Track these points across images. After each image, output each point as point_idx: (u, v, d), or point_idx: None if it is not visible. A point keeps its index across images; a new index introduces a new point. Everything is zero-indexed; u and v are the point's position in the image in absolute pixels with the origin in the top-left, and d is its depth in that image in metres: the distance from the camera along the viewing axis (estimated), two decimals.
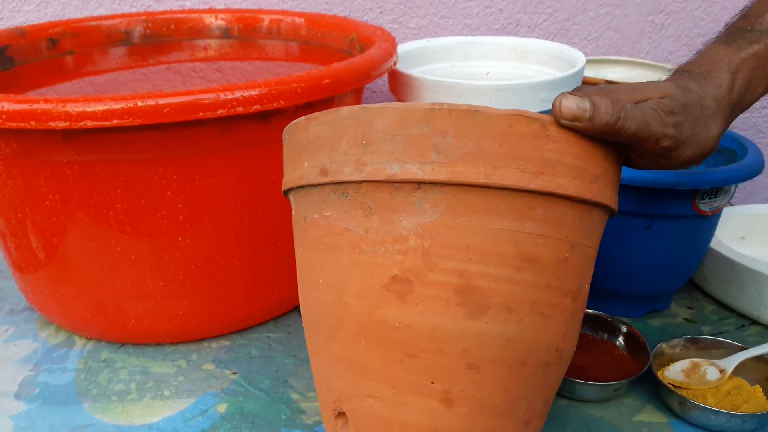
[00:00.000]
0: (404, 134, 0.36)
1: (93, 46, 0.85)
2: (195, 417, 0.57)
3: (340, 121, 0.38)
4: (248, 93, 0.52)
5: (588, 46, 1.03)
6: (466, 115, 0.36)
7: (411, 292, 0.37)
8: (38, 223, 0.59)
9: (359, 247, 0.38)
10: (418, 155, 0.36)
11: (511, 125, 0.36)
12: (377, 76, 0.63)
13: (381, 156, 0.37)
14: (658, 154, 0.42)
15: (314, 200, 0.41)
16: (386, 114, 0.37)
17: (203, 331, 0.67)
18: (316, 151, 0.40)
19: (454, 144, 0.36)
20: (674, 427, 0.56)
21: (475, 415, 0.39)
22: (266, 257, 0.65)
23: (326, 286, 0.41)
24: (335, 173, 0.39)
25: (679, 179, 0.59)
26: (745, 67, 0.46)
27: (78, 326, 0.67)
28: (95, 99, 0.49)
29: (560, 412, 0.57)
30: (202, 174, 0.57)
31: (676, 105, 0.41)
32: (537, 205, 0.37)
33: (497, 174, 0.36)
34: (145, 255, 0.60)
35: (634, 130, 0.39)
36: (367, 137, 0.37)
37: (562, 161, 0.37)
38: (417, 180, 0.36)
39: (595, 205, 0.40)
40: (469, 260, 0.37)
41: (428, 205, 0.37)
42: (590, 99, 0.38)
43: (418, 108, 0.36)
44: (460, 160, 0.36)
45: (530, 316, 0.38)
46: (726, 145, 0.70)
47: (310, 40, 0.85)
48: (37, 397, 0.60)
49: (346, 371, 0.41)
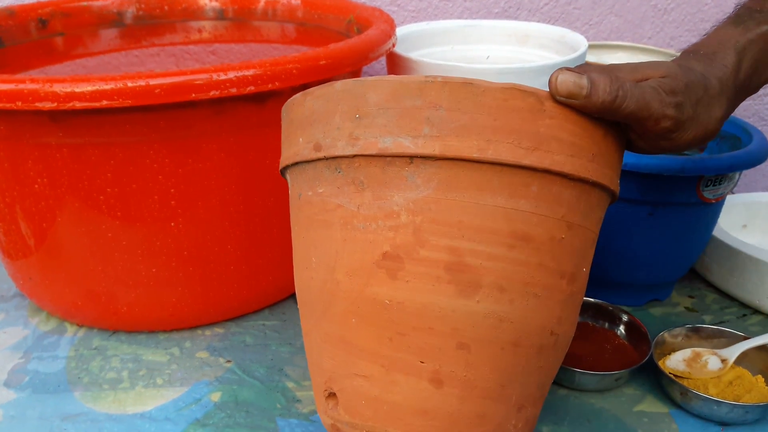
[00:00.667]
0: (397, 107, 0.36)
1: (84, 28, 0.83)
2: (188, 406, 0.56)
3: (334, 95, 0.38)
4: (242, 73, 0.50)
5: (590, 31, 1.01)
6: (461, 87, 0.35)
7: (402, 269, 0.37)
8: (27, 208, 0.58)
9: (351, 224, 0.38)
10: (410, 128, 0.36)
11: (506, 99, 0.35)
12: (375, 58, 0.61)
13: (374, 129, 0.36)
14: (658, 135, 0.41)
15: (308, 177, 0.40)
16: (380, 87, 0.36)
17: (197, 319, 0.66)
18: (310, 126, 0.39)
19: (447, 117, 0.35)
20: (675, 417, 0.55)
21: (466, 396, 0.38)
22: (261, 244, 0.64)
23: (318, 264, 0.40)
24: (328, 148, 0.38)
25: (683, 165, 0.58)
26: (753, 48, 0.45)
27: (69, 313, 0.66)
28: (84, 79, 0.47)
29: (560, 401, 0.57)
30: (195, 158, 0.56)
31: (677, 84, 0.40)
32: (532, 182, 0.36)
33: (491, 148, 0.35)
34: (137, 241, 0.59)
35: (633, 109, 0.38)
36: (361, 111, 0.37)
37: (559, 137, 0.36)
38: (409, 154, 0.36)
39: (594, 185, 0.39)
40: (461, 237, 0.36)
41: (420, 180, 0.36)
42: (588, 76, 0.37)
43: (411, 80, 0.36)
44: (453, 133, 0.35)
45: (523, 297, 0.38)
46: (730, 132, 0.69)
47: (307, 22, 0.83)
48: (28, 385, 0.59)
49: (337, 350, 0.40)
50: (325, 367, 0.41)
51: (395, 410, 0.39)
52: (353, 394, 0.40)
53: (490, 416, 0.39)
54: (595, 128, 0.38)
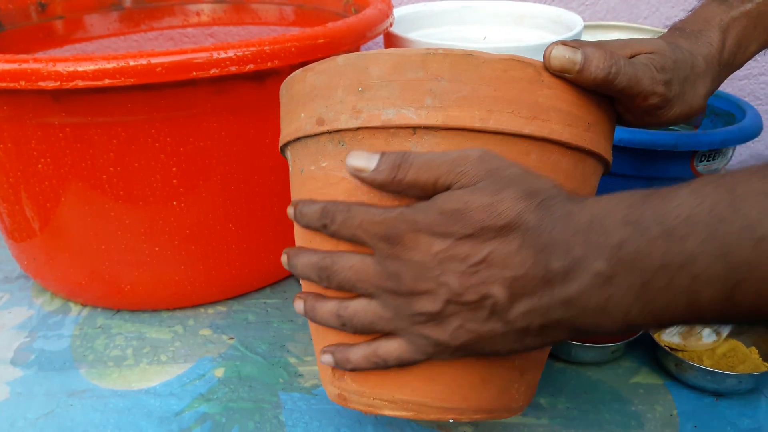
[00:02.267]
0: (400, 79, 0.36)
1: (83, 11, 0.83)
2: (192, 381, 0.57)
3: (335, 69, 0.38)
4: (242, 52, 0.51)
5: (586, 11, 1.01)
6: (461, 59, 0.36)
7: None
8: (30, 188, 0.58)
9: (355, 196, 0.38)
10: (413, 100, 0.36)
11: (505, 70, 0.36)
12: (373, 37, 0.62)
13: (377, 102, 0.37)
14: (644, 111, 0.41)
15: (311, 152, 0.41)
16: (382, 60, 0.37)
17: (199, 297, 0.67)
18: (312, 101, 0.39)
19: (449, 88, 0.36)
20: (670, 388, 0.56)
21: (470, 360, 0.39)
22: (262, 222, 0.65)
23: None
24: (331, 122, 0.38)
25: (677, 141, 0.58)
26: (736, 26, 0.46)
27: (73, 293, 0.67)
28: (86, 58, 0.48)
29: (557, 374, 0.58)
30: (196, 136, 0.56)
31: (667, 61, 0.41)
32: (531, 150, 0.37)
33: (492, 118, 0.36)
34: (140, 220, 0.59)
35: (625, 85, 0.38)
36: (363, 84, 0.37)
37: (556, 107, 0.37)
38: (412, 125, 0.36)
39: (589, 154, 0.40)
40: None
41: (423, 150, 0.36)
42: (583, 51, 0.37)
43: (413, 53, 0.36)
44: (455, 104, 0.36)
45: None
46: (724, 108, 0.70)
47: (305, 4, 0.84)
48: (34, 363, 0.60)
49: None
50: (329, 338, 0.42)
51: (401, 376, 0.39)
52: None
53: (494, 380, 0.40)
54: (590, 99, 0.39)
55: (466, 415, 0.40)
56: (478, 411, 0.40)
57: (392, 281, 0.35)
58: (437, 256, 0.33)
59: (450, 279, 0.33)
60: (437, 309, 0.34)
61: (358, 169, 0.36)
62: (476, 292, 0.33)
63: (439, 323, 0.35)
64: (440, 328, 0.35)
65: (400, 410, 0.40)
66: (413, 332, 0.36)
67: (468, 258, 0.33)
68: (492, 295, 0.33)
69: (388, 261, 0.35)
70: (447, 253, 0.33)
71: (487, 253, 0.33)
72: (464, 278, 0.33)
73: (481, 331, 0.34)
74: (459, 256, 0.33)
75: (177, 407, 0.54)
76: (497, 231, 0.32)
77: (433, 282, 0.34)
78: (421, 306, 0.35)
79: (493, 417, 0.41)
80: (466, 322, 0.34)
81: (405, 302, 0.35)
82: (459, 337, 0.35)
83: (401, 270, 0.35)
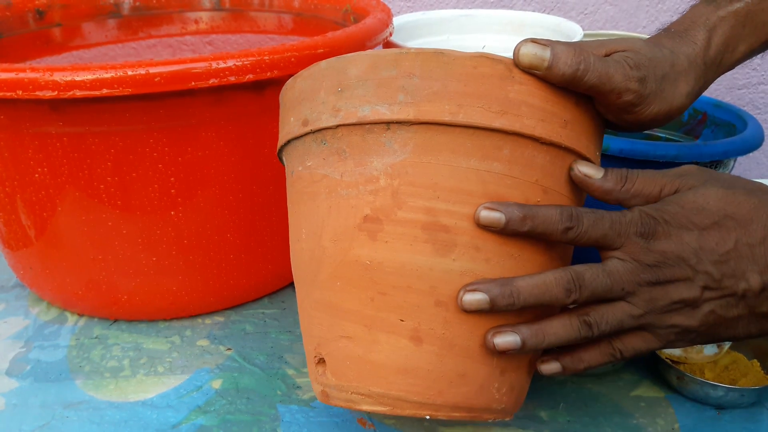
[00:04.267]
0: (375, 78, 0.38)
1: (81, 19, 0.83)
2: (189, 393, 0.57)
3: (319, 73, 0.40)
4: (241, 62, 0.51)
5: (585, 20, 1.01)
6: (432, 57, 0.37)
7: (381, 231, 0.38)
8: (27, 197, 0.58)
9: (335, 192, 0.39)
10: (387, 97, 0.38)
11: (475, 66, 0.37)
12: (372, 47, 0.62)
13: (354, 100, 0.38)
14: (621, 109, 0.41)
15: (299, 153, 0.42)
16: (359, 60, 0.39)
17: (197, 308, 0.66)
18: (300, 105, 0.41)
19: (420, 85, 0.37)
20: (672, 401, 0.56)
21: (445, 354, 0.39)
22: (260, 232, 0.64)
23: (308, 234, 0.42)
24: (314, 122, 0.40)
25: (678, 152, 0.58)
26: (724, 25, 0.46)
27: (69, 303, 0.66)
28: (84, 67, 0.48)
29: (557, 386, 0.57)
30: (194, 146, 0.56)
31: (641, 59, 0.41)
32: (503, 145, 0.38)
33: (462, 112, 0.37)
34: (137, 230, 0.59)
35: (595, 82, 0.39)
36: (342, 84, 0.39)
37: (528, 102, 0.38)
38: (386, 120, 0.38)
39: (569, 151, 0.40)
40: (437, 198, 0.38)
41: (397, 145, 0.38)
42: (552, 49, 0.38)
43: (387, 53, 0.38)
44: (426, 99, 0.37)
45: (499, 257, 0.39)
46: (725, 119, 0.70)
47: (303, 12, 0.83)
48: (29, 374, 0.59)
49: (325, 315, 0.41)
50: (314, 334, 0.42)
51: (377, 369, 0.39)
52: (339, 356, 0.41)
53: (471, 376, 0.40)
54: (566, 96, 0.39)
55: (443, 411, 0.40)
56: (456, 408, 0.40)
57: (650, 273, 0.37)
58: (689, 245, 0.37)
59: (707, 267, 0.36)
60: (695, 296, 0.37)
61: (587, 175, 0.39)
62: (732, 277, 0.36)
63: (692, 310, 0.37)
64: (692, 314, 0.37)
65: (377, 405, 0.40)
66: (662, 323, 0.38)
67: (718, 246, 0.36)
68: (746, 281, 0.36)
69: (643, 255, 0.37)
70: (698, 242, 0.36)
71: (735, 241, 0.36)
72: (719, 266, 0.36)
73: (727, 316, 0.37)
74: (709, 244, 0.36)
75: (174, 419, 0.54)
76: (738, 220, 0.36)
77: (690, 270, 0.37)
78: (678, 294, 0.37)
79: (473, 417, 0.41)
80: (717, 307, 0.37)
81: (662, 292, 0.37)
82: (706, 323, 0.37)
83: (660, 261, 0.37)
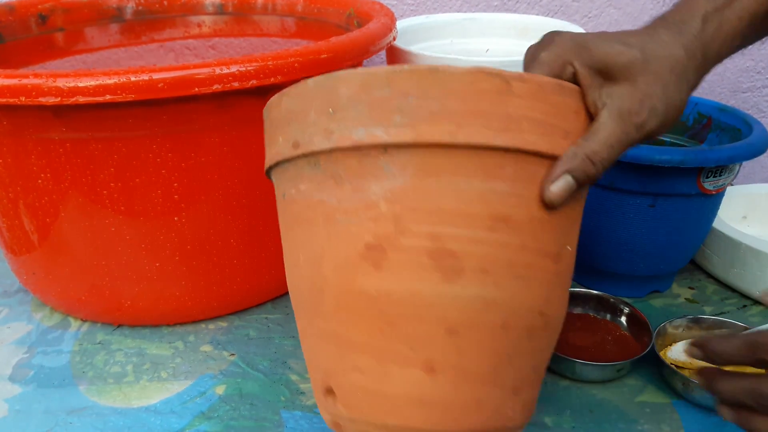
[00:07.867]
0: (368, 99, 0.36)
1: (84, 23, 0.83)
2: (193, 399, 0.56)
3: (308, 93, 0.38)
4: (244, 68, 0.50)
5: (588, 24, 1.01)
6: (427, 74, 0.35)
7: (385, 259, 0.37)
8: (30, 203, 0.58)
9: (333, 218, 0.38)
10: (382, 118, 0.36)
11: (472, 82, 0.35)
12: (376, 51, 0.62)
13: (347, 122, 0.36)
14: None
15: (290, 176, 0.40)
16: (350, 80, 0.36)
17: (200, 313, 0.66)
18: (288, 125, 0.39)
19: (417, 104, 0.35)
20: (677, 407, 0.55)
21: (460, 382, 0.38)
22: (264, 237, 0.64)
23: (306, 261, 0.40)
24: (306, 144, 0.38)
25: (684, 157, 0.58)
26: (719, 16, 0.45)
27: (73, 308, 0.66)
28: (87, 74, 0.47)
29: (562, 392, 0.57)
30: (197, 152, 0.56)
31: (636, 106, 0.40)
32: (506, 162, 0.36)
33: (461, 132, 0.35)
34: (140, 235, 0.59)
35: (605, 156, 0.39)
36: (333, 105, 0.37)
37: (529, 117, 0.36)
38: (383, 143, 0.36)
39: None
40: (441, 223, 0.36)
41: (396, 169, 0.36)
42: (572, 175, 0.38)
43: (379, 71, 0.36)
44: (424, 120, 0.35)
45: (507, 278, 0.37)
46: (731, 123, 0.70)
47: (307, 16, 0.83)
48: (32, 380, 0.59)
49: (331, 346, 0.40)
50: (321, 364, 0.41)
51: (391, 402, 0.39)
52: (350, 388, 0.40)
53: (486, 401, 0.39)
54: (566, 106, 0.38)
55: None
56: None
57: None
58: None
59: None
60: None
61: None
62: None
63: None
64: None
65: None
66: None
67: None
68: None
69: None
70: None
71: None
72: None
73: None
74: None
75: (177, 425, 0.53)
76: None
77: None
78: None
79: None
80: None
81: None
82: None
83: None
